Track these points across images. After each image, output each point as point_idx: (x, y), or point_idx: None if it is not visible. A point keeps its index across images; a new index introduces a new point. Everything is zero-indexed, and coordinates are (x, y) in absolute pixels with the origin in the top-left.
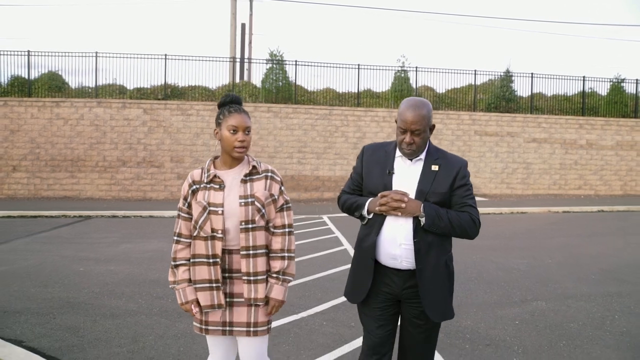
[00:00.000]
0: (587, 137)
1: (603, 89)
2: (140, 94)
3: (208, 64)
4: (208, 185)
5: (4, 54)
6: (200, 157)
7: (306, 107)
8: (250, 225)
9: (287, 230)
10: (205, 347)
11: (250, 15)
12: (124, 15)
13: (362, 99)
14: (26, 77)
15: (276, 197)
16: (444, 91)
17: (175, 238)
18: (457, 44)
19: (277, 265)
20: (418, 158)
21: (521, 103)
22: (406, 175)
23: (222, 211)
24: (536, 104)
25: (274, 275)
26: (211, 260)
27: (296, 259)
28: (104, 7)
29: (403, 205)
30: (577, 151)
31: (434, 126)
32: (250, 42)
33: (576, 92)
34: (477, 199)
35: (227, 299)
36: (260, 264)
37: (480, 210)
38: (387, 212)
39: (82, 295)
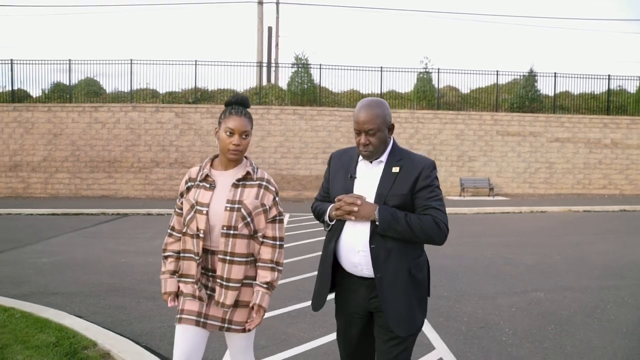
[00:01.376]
0: (612, 137)
1: (632, 87)
2: (172, 97)
3: (236, 67)
4: (200, 184)
5: (47, 63)
6: None
7: (330, 109)
8: (231, 232)
9: (277, 243)
10: None
11: (277, 18)
12: (156, 23)
13: (386, 100)
14: (66, 83)
15: (268, 207)
16: (468, 91)
17: (169, 231)
18: (481, 44)
19: (267, 275)
20: (379, 160)
21: (545, 102)
22: (367, 179)
23: (207, 211)
24: (562, 103)
25: (265, 285)
26: (196, 258)
27: (314, 254)
28: (136, 15)
29: (355, 208)
30: (601, 150)
31: (393, 126)
32: (277, 45)
33: (603, 91)
34: (498, 198)
35: (208, 292)
36: (235, 271)
37: (499, 209)
38: (342, 217)
39: (126, 282)
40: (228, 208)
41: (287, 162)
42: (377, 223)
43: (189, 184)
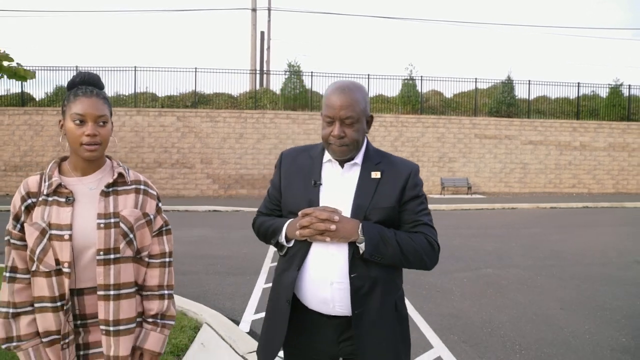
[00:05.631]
0: (581, 140)
1: (604, 93)
2: (171, 101)
3: (233, 73)
4: (50, 199)
5: (55, 69)
6: (227, 159)
7: None
8: (112, 256)
9: (167, 260)
10: (249, 287)
11: (269, 21)
12: (154, 30)
13: (374, 104)
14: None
15: (152, 217)
16: (451, 95)
17: (9, 274)
18: (463, 50)
19: (154, 306)
20: (353, 162)
21: (522, 107)
22: (338, 186)
23: (70, 235)
24: (539, 107)
25: (151, 320)
26: (59, 304)
27: None
28: (136, 22)
29: (333, 227)
30: (571, 152)
31: (372, 117)
32: (268, 48)
33: (577, 96)
34: (475, 196)
35: (82, 352)
36: (126, 308)
37: (475, 206)
38: (311, 238)
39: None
40: (102, 225)
41: None
42: (362, 245)
43: (29, 200)
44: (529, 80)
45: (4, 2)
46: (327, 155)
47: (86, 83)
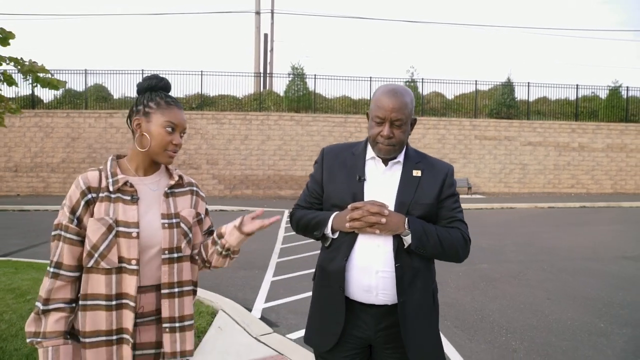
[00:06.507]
0: (579, 141)
1: (603, 93)
2: None
3: (237, 75)
4: (113, 196)
5: (64, 72)
6: (233, 160)
7: (324, 115)
8: (175, 255)
9: None
10: (259, 280)
11: (272, 24)
12: (160, 33)
13: None
14: (77, 89)
15: (203, 217)
16: (452, 97)
17: (52, 270)
18: (463, 53)
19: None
20: (396, 161)
21: (522, 109)
22: (381, 182)
23: (138, 233)
24: (539, 108)
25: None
26: (114, 303)
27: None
28: (147, 26)
29: (383, 220)
30: (569, 153)
31: (415, 121)
32: (272, 50)
33: (575, 97)
34: (475, 196)
35: (134, 352)
36: (188, 304)
37: (474, 205)
38: (360, 230)
39: None
40: (166, 225)
41: (285, 164)
42: (407, 238)
43: (90, 195)
44: (529, 82)
45: (12, 5)
46: (369, 153)
47: (165, 88)
